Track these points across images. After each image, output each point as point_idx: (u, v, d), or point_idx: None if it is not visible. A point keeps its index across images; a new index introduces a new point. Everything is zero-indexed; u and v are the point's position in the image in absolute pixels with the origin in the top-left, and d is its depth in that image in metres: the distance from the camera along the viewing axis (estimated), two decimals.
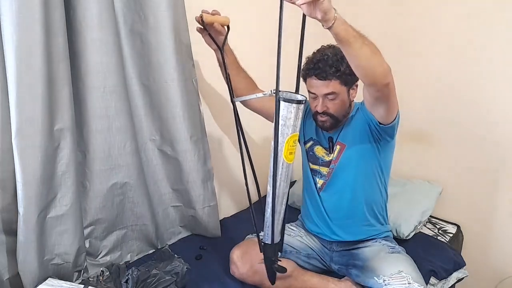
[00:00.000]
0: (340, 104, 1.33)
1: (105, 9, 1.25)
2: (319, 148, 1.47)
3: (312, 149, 1.48)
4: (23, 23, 1.07)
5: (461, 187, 1.89)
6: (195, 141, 1.55)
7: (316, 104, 1.33)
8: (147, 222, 1.55)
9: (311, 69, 1.30)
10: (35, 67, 1.12)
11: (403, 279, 1.21)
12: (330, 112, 1.33)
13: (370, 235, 1.45)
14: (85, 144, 1.36)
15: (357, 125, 1.37)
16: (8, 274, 1.28)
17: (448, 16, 1.78)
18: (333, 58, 1.28)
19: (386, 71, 1.11)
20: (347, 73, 1.27)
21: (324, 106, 1.32)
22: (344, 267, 1.40)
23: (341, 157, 1.40)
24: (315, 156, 1.47)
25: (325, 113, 1.33)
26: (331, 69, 1.27)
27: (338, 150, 1.40)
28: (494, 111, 1.73)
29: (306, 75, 1.33)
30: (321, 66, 1.28)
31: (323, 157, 1.46)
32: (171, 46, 1.40)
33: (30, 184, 1.17)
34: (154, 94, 1.48)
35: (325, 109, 1.33)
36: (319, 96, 1.32)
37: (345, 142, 1.39)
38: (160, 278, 1.28)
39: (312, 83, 1.32)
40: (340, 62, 1.27)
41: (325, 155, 1.45)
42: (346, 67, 1.25)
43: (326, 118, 1.34)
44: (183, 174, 1.58)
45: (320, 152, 1.47)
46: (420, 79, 1.93)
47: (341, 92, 1.31)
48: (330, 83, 1.28)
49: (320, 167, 1.46)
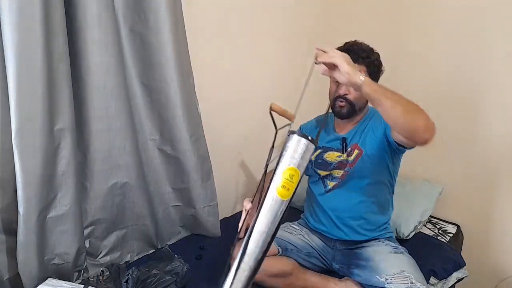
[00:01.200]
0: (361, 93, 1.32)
1: (105, 9, 1.25)
2: (330, 154, 1.47)
3: (321, 156, 1.49)
4: (23, 23, 1.08)
5: (461, 187, 1.89)
6: (195, 141, 1.55)
7: (339, 88, 1.36)
8: (147, 222, 1.55)
9: (344, 51, 1.29)
10: (35, 67, 1.12)
11: (405, 278, 1.22)
12: (350, 98, 1.36)
13: (374, 236, 1.45)
14: (85, 144, 1.36)
15: (377, 136, 1.37)
16: (8, 274, 1.28)
17: (448, 16, 1.79)
18: (366, 46, 1.37)
19: (426, 129, 1.08)
20: (375, 64, 1.35)
21: (347, 89, 1.35)
22: (345, 266, 1.40)
23: (358, 162, 1.40)
24: (325, 162, 1.47)
25: (345, 98, 1.37)
26: (363, 53, 1.33)
27: (356, 155, 1.41)
28: (494, 111, 1.73)
29: None
30: (355, 49, 1.33)
31: (335, 161, 1.45)
32: (171, 46, 1.40)
33: (30, 184, 1.18)
34: (154, 94, 1.48)
35: (347, 94, 1.36)
36: None
37: (363, 148, 1.40)
38: (160, 278, 1.28)
39: None
40: (372, 52, 1.35)
41: (337, 158, 1.45)
42: (375, 59, 1.34)
43: (344, 103, 1.38)
44: (183, 174, 1.58)
45: (332, 157, 1.46)
46: (420, 79, 1.93)
47: None
48: (358, 67, 1.31)
49: (331, 171, 1.46)
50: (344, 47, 1.36)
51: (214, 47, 1.74)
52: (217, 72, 1.78)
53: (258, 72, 2.01)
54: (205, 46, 1.69)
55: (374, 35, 1.99)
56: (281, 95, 2.13)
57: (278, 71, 2.10)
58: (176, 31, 1.41)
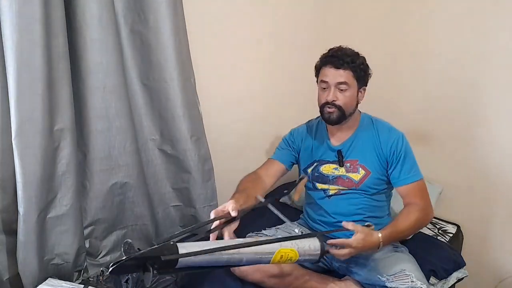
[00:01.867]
0: (350, 97, 1.36)
1: (105, 9, 1.25)
2: (326, 166, 1.45)
3: (318, 169, 1.47)
4: (23, 23, 1.08)
5: (461, 187, 1.88)
6: (195, 141, 1.55)
7: (327, 94, 1.36)
8: (147, 222, 1.55)
9: (329, 57, 1.36)
10: (35, 67, 1.12)
11: (406, 277, 1.21)
12: (338, 103, 1.35)
13: None
14: (85, 144, 1.36)
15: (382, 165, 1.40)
16: (8, 274, 1.28)
17: (446, 16, 1.78)
18: (350, 51, 1.36)
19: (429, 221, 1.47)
20: (361, 68, 1.35)
21: (335, 96, 1.35)
22: (345, 266, 1.40)
23: (364, 182, 1.40)
24: (322, 175, 1.46)
25: (334, 104, 1.36)
26: (348, 58, 1.33)
27: (363, 175, 1.40)
28: (494, 111, 1.73)
29: (322, 64, 1.38)
30: (339, 55, 1.34)
31: (332, 174, 1.44)
32: (171, 46, 1.40)
33: (30, 184, 1.17)
34: (154, 94, 1.48)
35: (335, 100, 1.35)
36: (331, 85, 1.35)
37: (370, 169, 1.40)
38: (160, 278, 1.28)
39: (327, 72, 1.36)
40: (356, 56, 1.36)
41: (334, 170, 1.44)
42: (360, 63, 1.35)
43: (334, 109, 1.36)
44: (184, 174, 1.58)
45: (328, 170, 1.45)
46: (420, 79, 1.93)
47: (352, 86, 1.35)
48: (344, 72, 1.33)
49: (330, 185, 1.45)
50: (328, 53, 1.38)
51: (214, 47, 1.74)
52: (217, 72, 1.78)
53: (258, 72, 2.00)
54: (206, 46, 1.68)
55: (375, 35, 2.00)
56: (282, 95, 2.13)
57: (278, 71, 2.10)
58: (177, 31, 1.41)
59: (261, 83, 2.03)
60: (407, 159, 1.38)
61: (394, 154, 1.38)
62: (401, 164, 1.37)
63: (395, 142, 1.38)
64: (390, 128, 1.43)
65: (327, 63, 1.36)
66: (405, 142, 1.39)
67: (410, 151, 1.40)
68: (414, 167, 1.39)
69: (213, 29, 1.71)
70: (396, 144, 1.38)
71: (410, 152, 1.40)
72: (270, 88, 2.08)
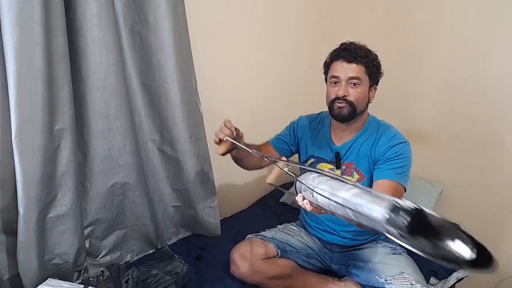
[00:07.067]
0: (361, 94, 1.30)
1: (105, 9, 1.25)
2: (323, 165, 1.42)
3: (315, 167, 1.42)
4: (23, 23, 1.08)
5: (461, 187, 1.89)
6: (195, 141, 1.55)
7: (338, 89, 1.30)
8: (147, 222, 1.55)
9: (340, 51, 1.31)
10: (35, 67, 1.12)
11: (405, 280, 1.21)
12: (350, 99, 1.29)
13: (370, 239, 1.45)
14: (85, 144, 1.36)
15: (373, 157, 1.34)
16: (8, 274, 1.28)
17: (451, 17, 1.78)
18: (363, 47, 1.32)
19: None
20: (374, 65, 1.30)
21: (346, 91, 1.28)
22: (344, 267, 1.40)
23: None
24: None
25: (345, 99, 1.29)
26: (361, 52, 1.28)
27: (357, 180, 1.36)
28: (494, 111, 1.73)
29: (333, 59, 1.32)
30: (352, 48, 1.29)
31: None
32: (171, 46, 1.40)
33: (30, 184, 1.17)
34: (154, 94, 1.48)
35: (346, 95, 1.29)
36: (342, 80, 1.29)
37: (365, 174, 1.36)
38: (160, 278, 1.28)
39: (338, 66, 1.30)
40: (369, 52, 1.30)
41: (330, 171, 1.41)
42: (373, 59, 1.30)
43: (344, 104, 1.29)
44: (183, 174, 1.58)
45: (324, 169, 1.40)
46: (420, 79, 1.93)
47: (364, 82, 1.29)
48: (356, 67, 1.27)
49: None
50: (340, 47, 1.32)
51: (215, 47, 1.74)
52: (218, 72, 1.78)
53: (259, 72, 2.01)
54: (206, 47, 1.68)
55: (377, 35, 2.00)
56: (282, 95, 2.14)
57: (279, 71, 2.10)
58: (177, 31, 1.41)
59: (263, 84, 2.04)
60: (399, 162, 1.27)
61: (386, 153, 1.29)
62: (390, 162, 1.28)
63: (392, 145, 1.30)
64: (395, 134, 1.33)
65: (339, 57, 1.30)
66: (405, 149, 1.29)
67: (407, 159, 1.29)
68: (403, 173, 1.27)
69: (214, 29, 1.71)
70: (393, 146, 1.29)
71: (407, 160, 1.28)
72: (272, 89, 2.09)
